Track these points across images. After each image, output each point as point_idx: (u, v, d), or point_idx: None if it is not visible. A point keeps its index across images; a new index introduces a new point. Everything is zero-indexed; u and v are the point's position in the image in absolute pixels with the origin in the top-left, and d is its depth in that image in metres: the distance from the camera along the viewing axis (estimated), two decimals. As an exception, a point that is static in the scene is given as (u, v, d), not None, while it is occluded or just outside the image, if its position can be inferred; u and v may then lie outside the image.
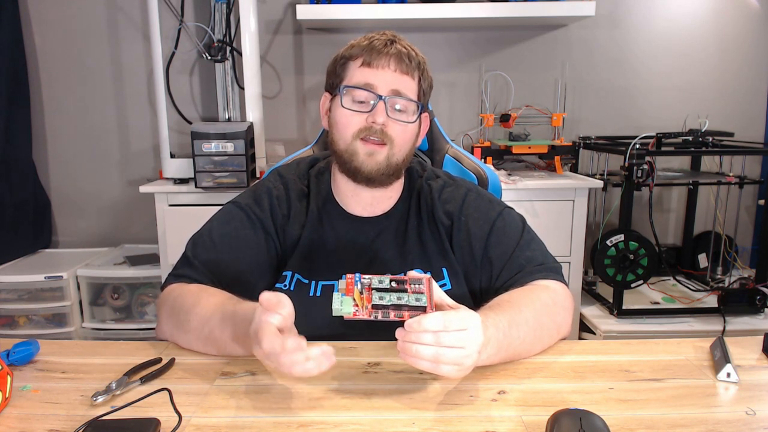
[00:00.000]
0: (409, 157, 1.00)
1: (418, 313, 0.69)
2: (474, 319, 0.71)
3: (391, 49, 0.95)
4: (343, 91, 0.96)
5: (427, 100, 1.03)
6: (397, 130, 0.95)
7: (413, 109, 0.97)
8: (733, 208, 2.41)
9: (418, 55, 0.98)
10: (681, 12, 2.48)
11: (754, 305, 2.04)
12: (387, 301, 0.69)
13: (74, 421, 0.68)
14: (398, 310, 0.69)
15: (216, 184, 2.06)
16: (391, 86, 0.94)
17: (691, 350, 0.89)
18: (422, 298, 0.70)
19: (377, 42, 0.95)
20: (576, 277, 2.17)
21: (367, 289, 0.70)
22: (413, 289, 0.70)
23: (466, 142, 2.47)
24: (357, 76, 0.95)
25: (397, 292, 0.70)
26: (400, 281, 0.71)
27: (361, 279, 0.70)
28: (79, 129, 2.51)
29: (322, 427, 0.68)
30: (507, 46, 2.50)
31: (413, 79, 0.97)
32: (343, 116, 0.96)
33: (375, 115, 0.93)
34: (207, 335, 0.84)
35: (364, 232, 1.02)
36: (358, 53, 0.96)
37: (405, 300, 0.69)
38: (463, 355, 0.69)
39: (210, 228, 1.01)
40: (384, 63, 0.94)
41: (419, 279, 0.71)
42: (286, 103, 2.52)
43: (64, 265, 2.24)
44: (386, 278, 0.71)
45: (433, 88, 1.04)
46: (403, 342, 0.70)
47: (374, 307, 0.68)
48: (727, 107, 2.54)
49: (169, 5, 2.30)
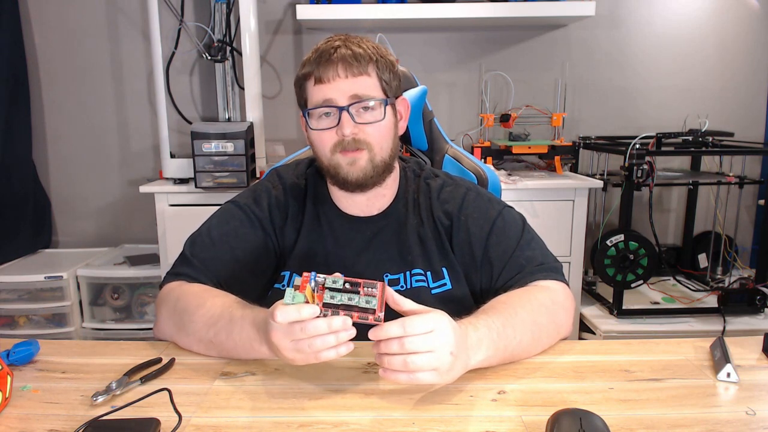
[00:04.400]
0: (394, 151, 0.99)
1: (366, 315, 0.70)
2: (440, 321, 0.70)
3: (336, 56, 0.92)
4: (307, 115, 0.96)
5: (395, 86, 0.98)
6: (370, 131, 0.94)
7: (379, 105, 0.95)
8: (733, 208, 2.41)
9: (367, 49, 0.94)
10: (681, 12, 2.48)
11: (754, 305, 2.04)
12: (338, 300, 0.70)
13: (74, 421, 0.68)
14: (348, 310, 0.70)
15: (216, 184, 2.06)
16: (349, 93, 0.92)
17: (691, 350, 0.89)
18: (373, 300, 0.71)
19: (324, 53, 0.93)
20: (576, 277, 2.17)
21: (321, 287, 0.71)
22: (365, 292, 0.71)
23: (466, 142, 2.47)
24: (315, 95, 0.94)
25: (349, 293, 0.71)
26: (354, 283, 0.72)
27: (316, 278, 0.72)
28: (79, 129, 2.51)
29: (322, 427, 0.68)
30: (507, 46, 2.50)
31: (369, 76, 0.94)
32: (315, 136, 0.96)
33: (342, 128, 0.92)
34: (211, 339, 0.84)
35: (361, 231, 1.02)
36: (309, 71, 0.94)
37: (355, 301, 0.70)
38: (434, 358, 0.69)
39: (209, 227, 1.01)
40: (333, 74, 0.92)
41: (373, 283, 0.72)
42: (286, 103, 2.52)
43: (64, 265, 2.25)
44: (340, 279, 0.72)
45: (397, 72, 0.99)
46: (379, 357, 0.70)
47: (325, 305, 0.70)
48: (727, 107, 2.54)
49: (169, 5, 2.30)
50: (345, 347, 0.70)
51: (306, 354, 0.70)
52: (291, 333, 0.70)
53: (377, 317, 0.70)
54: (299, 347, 0.70)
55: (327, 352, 0.70)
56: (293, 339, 0.70)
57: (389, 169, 0.99)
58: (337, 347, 0.70)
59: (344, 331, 0.69)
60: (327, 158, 0.96)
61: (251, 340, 0.80)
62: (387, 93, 0.96)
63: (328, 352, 0.70)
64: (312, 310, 0.68)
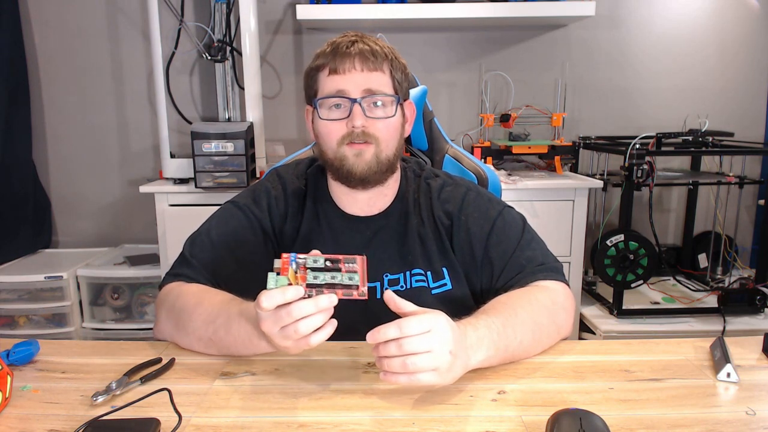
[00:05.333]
0: (399, 151, 1.00)
1: (351, 291, 0.71)
2: (437, 321, 0.70)
3: (354, 50, 0.93)
4: (318, 104, 0.96)
5: (405, 88, 1.01)
6: (379, 126, 0.95)
7: (391, 102, 0.96)
8: (733, 208, 2.41)
9: (384, 47, 0.97)
10: (681, 12, 2.48)
11: (754, 305, 2.04)
12: (321, 280, 0.71)
13: (74, 421, 0.68)
14: (332, 288, 0.71)
15: (216, 184, 2.06)
16: (363, 87, 0.93)
17: (691, 350, 0.89)
18: (355, 276, 0.72)
19: (340, 45, 0.94)
20: (576, 277, 2.17)
21: (302, 268, 0.72)
22: (347, 268, 0.72)
23: (466, 142, 2.47)
24: (327, 86, 0.95)
25: (331, 272, 0.72)
26: (335, 260, 0.73)
27: (297, 258, 0.72)
28: (79, 129, 2.51)
29: (322, 427, 0.68)
30: (507, 46, 2.50)
31: (384, 73, 0.96)
32: (324, 127, 0.96)
33: (353, 119, 0.93)
34: (211, 336, 0.84)
35: (361, 231, 1.02)
36: (324, 62, 0.95)
37: (338, 279, 0.71)
38: (432, 358, 0.69)
39: (208, 227, 1.01)
40: (350, 65, 0.93)
41: (352, 258, 0.73)
42: (286, 103, 2.52)
43: (64, 265, 2.25)
44: (321, 258, 0.73)
45: (408, 74, 1.02)
46: (378, 360, 0.70)
47: (308, 286, 0.70)
48: (727, 107, 2.54)
49: (169, 5, 2.30)
50: (330, 326, 0.71)
51: (295, 341, 0.70)
52: (278, 319, 0.69)
53: (361, 292, 0.71)
54: (286, 333, 0.70)
55: (315, 336, 0.70)
56: (281, 326, 0.70)
57: (392, 168, 1.00)
58: (324, 328, 0.70)
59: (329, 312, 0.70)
60: (333, 150, 0.96)
61: (250, 335, 0.80)
62: (398, 92, 0.98)
63: (316, 335, 0.70)
64: (296, 291, 0.69)
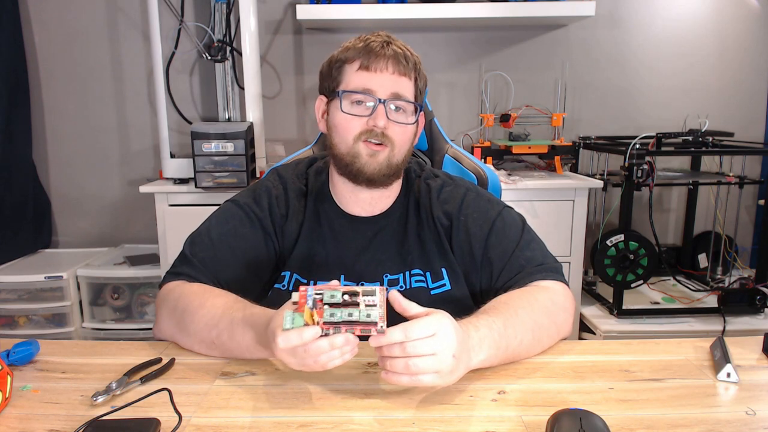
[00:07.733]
0: (407, 157, 1.01)
1: (369, 328, 0.69)
2: (442, 324, 0.70)
3: (387, 51, 0.94)
4: (342, 95, 0.96)
5: (423, 99, 1.03)
6: (397, 131, 0.95)
7: (412, 110, 0.98)
8: (733, 208, 2.41)
9: (413, 55, 0.99)
10: (681, 12, 2.48)
11: (754, 305, 2.04)
12: (338, 318, 0.69)
13: (74, 421, 0.68)
14: (350, 325, 0.69)
15: (216, 184, 2.06)
16: (390, 89, 0.94)
17: (691, 350, 0.89)
18: (373, 312, 0.69)
19: (373, 44, 0.95)
20: (576, 277, 2.17)
21: (319, 302, 0.70)
22: (366, 302, 0.70)
23: (466, 142, 2.47)
24: (355, 80, 0.95)
25: (349, 307, 0.70)
26: (353, 293, 0.71)
27: (314, 294, 0.70)
28: (79, 129, 2.51)
29: (322, 427, 0.68)
30: (507, 46, 2.50)
31: (410, 79, 0.97)
32: (343, 120, 0.96)
33: (376, 119, 0.93)
34: (214, 339, 0.84)
35: (361, 231, 1.02)
36: (354, 56, 0.95)
37: (356, 316, 0.69)
38: (436, 361, 0.69)
39: (209, 226, 1.01)
40: (382, 66, 0.94)
41: (372, 290, 0.71)
42: (286, 103, 2.52)
43: (64, 265, 2.24)
44: (338, 292, 0.70)
45: (427, 86, 1.04)
46: (381, 359, 0.71)
47: (326, 323, 0.69)
48: (727, 107, 2.54)
49: (169, 5, 2.30)
50: (350, 354, 0.70)
51: (312, 367, 0.70)
52: (295, 354, 0.69)
53: (379, 328, 0.69)
54: (305, 364, 0.70)
55: (332, 362, 0.70)
56: (298, 358, 0.70)
57: (399, 173, 1.01)
58: (342, 356, 0.70)
59: (347, 345, 0.69)
60: (348, 145, 0.95)
61: (254, 342, 0.80)
62: (417, 101, 0.99)
63: (333, 361, 0.70)
64: (313, 332, 0.67)
